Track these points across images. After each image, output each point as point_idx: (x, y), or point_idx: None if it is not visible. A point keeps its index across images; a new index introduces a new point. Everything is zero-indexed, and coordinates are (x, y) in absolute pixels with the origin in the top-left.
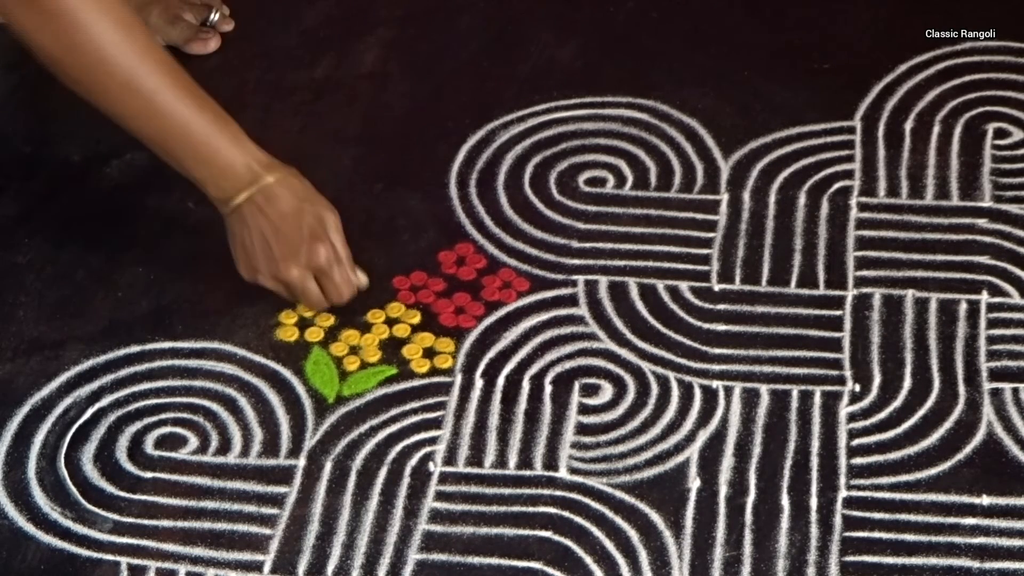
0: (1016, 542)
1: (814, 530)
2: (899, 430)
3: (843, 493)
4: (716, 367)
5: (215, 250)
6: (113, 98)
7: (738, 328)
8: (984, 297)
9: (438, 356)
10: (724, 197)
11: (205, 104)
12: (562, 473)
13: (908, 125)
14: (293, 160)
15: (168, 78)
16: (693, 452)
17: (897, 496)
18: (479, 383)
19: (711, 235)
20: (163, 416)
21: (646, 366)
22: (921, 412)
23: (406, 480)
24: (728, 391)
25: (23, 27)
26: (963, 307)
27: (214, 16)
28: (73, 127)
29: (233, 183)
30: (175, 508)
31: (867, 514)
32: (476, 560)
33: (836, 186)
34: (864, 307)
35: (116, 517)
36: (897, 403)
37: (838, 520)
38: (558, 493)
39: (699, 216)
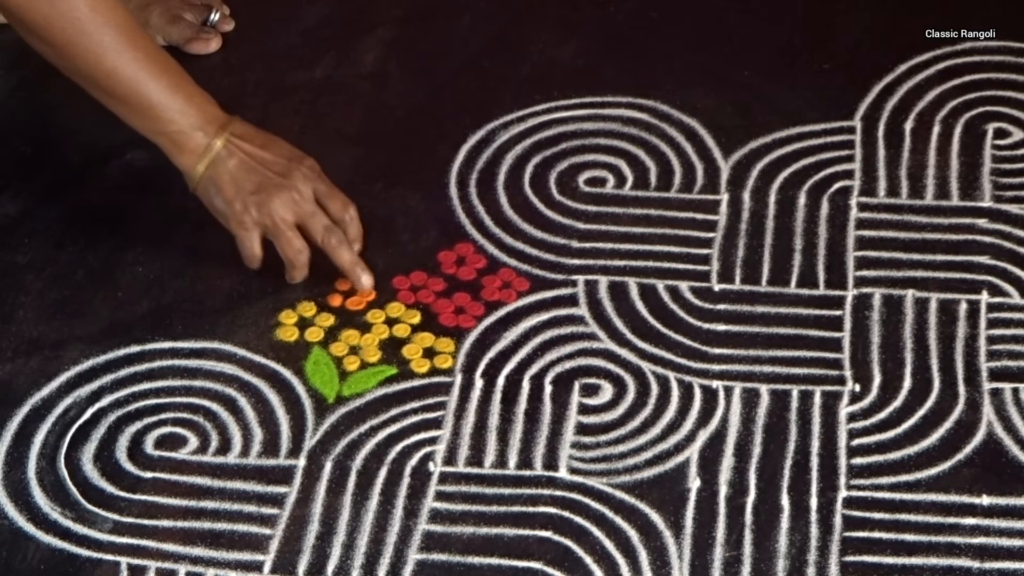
0: (1016, 542)
1: (814, 530)
2: (899, 430)
3: (843, 493)
4: (716, 367)
5: (215, 250)
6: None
7: (738, 328)
8: (984, 297)
9: (438, 356)
10: (724, 197)
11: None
12: (562, 473)
13: (908, 125)
14: None
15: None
16: (693, 452)
17: (897, 496)
18: (479, 383)
19: (711, 235)
20: (163, 416)
21: (646, 366)
22: (921, 412)
23: (406, 480)
24: (728, 391)
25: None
26: (963, 307)
27: (214, 16)
28: (73, 127)
29: (191, 157)
30: (175, 508)
31: (867, 514)
32: (476, 560)
33: (836, 186)
34: (864, 307)
35: (116, 517)
36: (897, 403)
37: (838, 520)
38: (558, 493)
39: (699, 216)
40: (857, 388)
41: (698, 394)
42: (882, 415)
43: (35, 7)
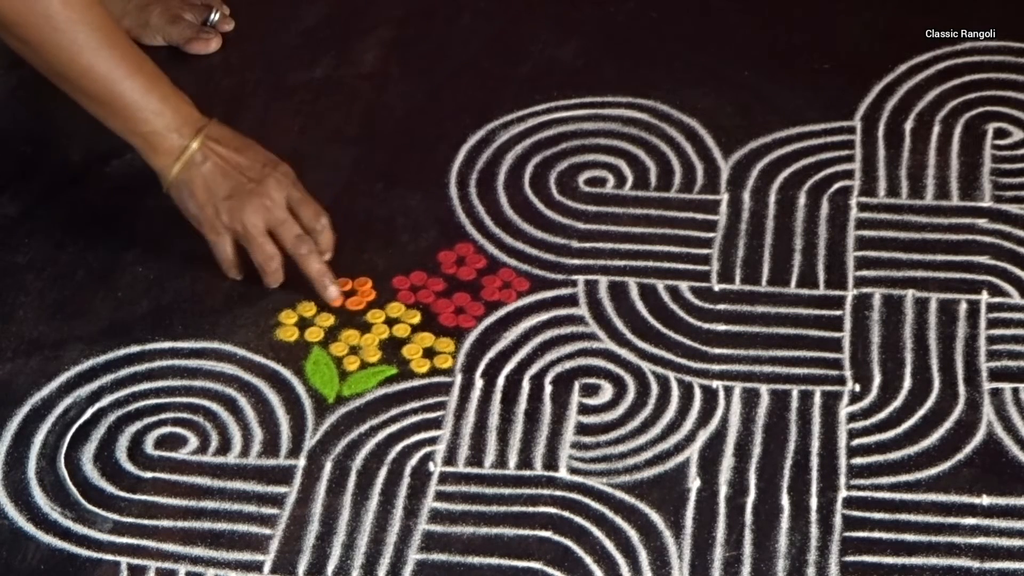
0: (1016, 542)
1: (814, 530)
2: (899, 430)
3: (843, 493)
4: (716, 367)
5: None
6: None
7: (738, 328)
8: (984, 297)
9: (438, 356)
10: (724, 197)
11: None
12: (562, 473)
13: (908, 125)
14: (293, 160)
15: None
16: (693, 452)
17: (897, 496)
18: (479, 383)
19: (711, 235)
20: (163, 416)
21: (646, 366)
22: (921, 412)
23: (406, 480)
24: (728, 391)
25: None
26: (963, 307)
27: (214, 16)
28: (73, 127)
29: (166, 156)
30: (175, 508)
31: (867, 514)
32: (476, 560)
33: (836, 186)
34: (864, 307)
35: (116, 517)
36: (897, 403)
37: (838, 520)
38: (558, 493)
39: (699, 216)
40: (857, 388)
41: (698, 394)
42: (882, 415)
43: (10, 4)
